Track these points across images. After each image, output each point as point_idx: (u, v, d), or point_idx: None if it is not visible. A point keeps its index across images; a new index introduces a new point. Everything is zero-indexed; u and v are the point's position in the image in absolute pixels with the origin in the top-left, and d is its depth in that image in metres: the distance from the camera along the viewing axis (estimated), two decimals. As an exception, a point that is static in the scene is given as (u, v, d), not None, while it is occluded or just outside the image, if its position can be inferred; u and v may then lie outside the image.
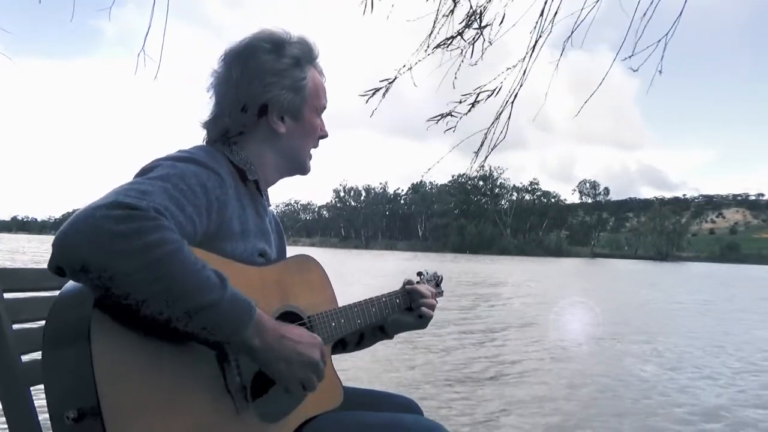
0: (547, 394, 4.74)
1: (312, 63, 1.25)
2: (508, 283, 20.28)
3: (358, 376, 4.91)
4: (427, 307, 1.53)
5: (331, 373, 1.30)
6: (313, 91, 1.24)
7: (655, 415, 4.25)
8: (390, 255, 60.88)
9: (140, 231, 0.85)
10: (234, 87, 1.18)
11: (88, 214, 0.85)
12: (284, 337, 1.01)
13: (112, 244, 0.83)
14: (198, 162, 1.07)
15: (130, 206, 0.87)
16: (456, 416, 4.00)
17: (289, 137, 1.23)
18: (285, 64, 1.19)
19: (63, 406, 0.85)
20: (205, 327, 0.91)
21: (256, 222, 1.21)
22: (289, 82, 1.19)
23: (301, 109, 1.23)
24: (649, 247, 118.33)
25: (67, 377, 0.87)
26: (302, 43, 1.23)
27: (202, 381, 0.97)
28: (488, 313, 10.69)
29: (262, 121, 1.21)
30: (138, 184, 0.94)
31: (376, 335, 1.55)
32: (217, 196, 1.07)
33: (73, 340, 0.85)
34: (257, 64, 1.18)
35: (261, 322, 0.97)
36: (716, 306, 14.44)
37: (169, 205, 0.94)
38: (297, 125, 1.24)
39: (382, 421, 1.24)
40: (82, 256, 0.83)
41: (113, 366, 0.85)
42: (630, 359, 6.43)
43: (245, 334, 0.95)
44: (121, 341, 0.88)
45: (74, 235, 0.84)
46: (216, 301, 0.90)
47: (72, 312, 0.89)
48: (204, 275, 0.90)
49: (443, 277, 1.74)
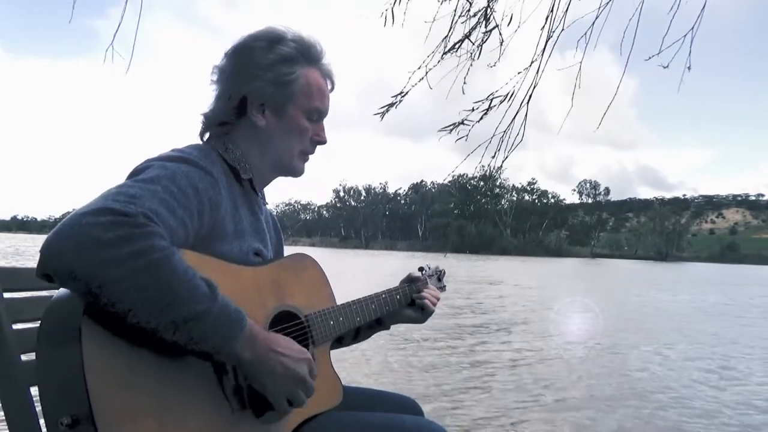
0: (549, 395, 4.74)
1: (310, 63, 1.23)
2: (509, 283, 20.27)
3: (357, 378, 4.91)
4: (430, 301, 1.53)
5: (331, 371, 1.29)
6: (303, 90, 1.21)
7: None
8: (390, 255, 60.85)
9: (128, 238, 0.84)
10: (225, 78, 1.20)
11: (75, 221, 0.83)
12: (272, 350, 0.99)
13: (100, 251, 0.82)
14: (190, 162, 1.06)
15: (118, 212, 0.85)
16: (456, 416, 4.00)
17: (270, 132, 1.22)
18: (271, 59, 1.18)
19: (57, 411, 0.84)
20: (192, 337, 0.89)
21: (251, 221, 1.21)
22: (272, 76, 1.18)
23: (284, 105, 1.20)
24: (649, 247, 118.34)
25: (59, 382, 0.86)
26: (300, 42, 1.21)
27: (197, 385, 0.95)
28: (488, 313, 10.68)
29: (247, 115, 1.20)
30: (127, 188, 0.92)
31: (373, 327, 1.54)
32: (210, 197, 1.06)
33: (65, 345, 0.85)
34: (247, 58, 1.18)
35: (252, 335, 0.95)
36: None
37: (159, 209, 0.92)
38: (278, 121, 1.21)
39: (382, 421, 1.24)
40: (69, 264, 0.82)
41: (105, 372, 0.84)
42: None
43: (234, 346, 0.93)
44: (114, 346, 0.87)
45: (61, 243, 0.82)
46: (205, 312, 0.89)
47: (64, 317, 0.88)
48: (193, 284, 0.89)
49: (445, 272, 1.74)
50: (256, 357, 0.96)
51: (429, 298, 1.53)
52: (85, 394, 0.81)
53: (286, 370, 1.00)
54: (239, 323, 0.93)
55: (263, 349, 0.97)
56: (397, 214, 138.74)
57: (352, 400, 1.34)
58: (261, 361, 0.97)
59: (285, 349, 1.01)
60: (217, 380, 0.98)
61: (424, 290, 1.55)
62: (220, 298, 0.92)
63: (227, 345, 0.92)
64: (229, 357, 0.94)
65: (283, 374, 1.00)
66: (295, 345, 1.05)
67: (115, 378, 0.86)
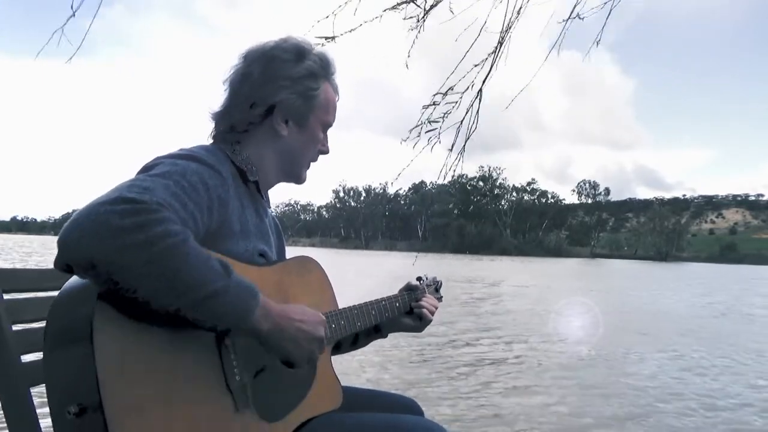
0: (548, 397, 4.74)
1: (327, 78, 1.29)
2: (510, 282, 20.27)
3: (359, 378, 4.91)
4: (428, 310, 1.55)
5: (331, 374, 1.30)
6: (323, 105, 1.28)
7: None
8: (391, 255, 60.85)
9: (144, 224, 0.86)
10: (250, 84, 1.21)
11: (92, 210, 0.86)
12: (288, 317, 1.04)
13: (118, 238, 0.84)
14: (199, 160, 1.08)
15: (134, 201, 0.88)
16: (456, 416, 4.00)
17: (289, 141, 1.26)
18: (301, 72, 1.23)
19: (65, 401, 0.86)
20: (213, 314, 0.92)
21: (256, 222, 1.22)
22: (301, 89, 1.23)
23: (307, 117, 1.26)
24: (649, 247, 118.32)
25: (69, 373, 0.88)
26: (321, 57, 1.28)
27: (203, 378, 0.97)
28: (489, 312, 10.69)
29: (267, 122, 1.23)
30: (140, 181, 0.95)
31: (371, 335, 1.56)
32: (219, 195, 1.08)
33: (76, 336, 0.86)
34: (276, 67, 1.22)
35: (266, 306, 1.00)
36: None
37: (172, 201, 0.95)
38: (299, 132, 1.26)
39: (382, 421, 1.24)
40: (89, 253, 0.84)
41: (115, 362, 0.86)
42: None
43: (252, 319, 0.97)
44: (124, 338, 0.88)
45: (80, 232, 0.84)
46: (223, 289, 0.92)
47: (74, 309, 0.89)
48: (209, 264, 0.92)
49: (442, 282, 1.76)
50: (273, 327, 1.01)
51: (427, 307, 1.56)
52: (95, 383, 0.83)
53: (306, 333, 1.07)
54: (254, 297, 0.97)
55: (279, 318, 1.02)
56: (397, 214, 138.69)
57: (352, 401, 1.34)
58: (279, 330, 1.02)
59: (299, 314, 1.07)
60: (224, 376, 1.00)
61: (422, 299, 1.57)
62: (234, 275, 0.95)
63: (246, 318, 0.96)
64: (250, 329, 0.98)
65: (304, 338, 1.06)
66: (307, 309, 1.11)
67: (126, 368, 0.87)
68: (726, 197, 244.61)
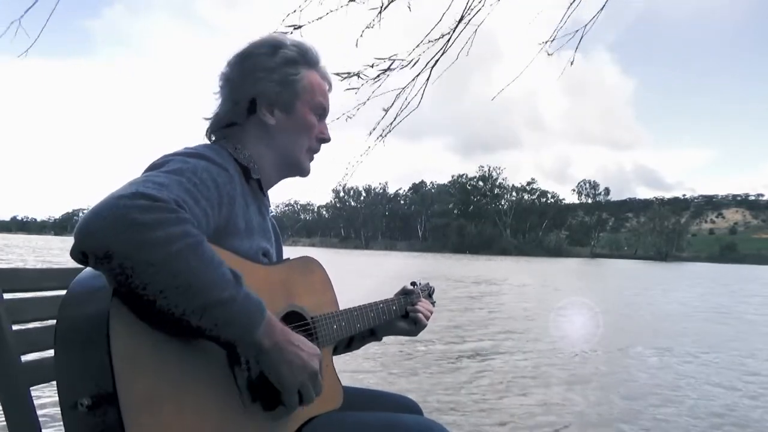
0: (548, 398, 4.74)
1: (310, 65, 1.28)
2: (511, 282, 20.28)
3: (358, 377, 4.91)
4: (423, 314, 1.57)
5: (332, 374, 1.31)
6: (308, 89, 1.26)
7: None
8: (391, 255, 60.89)
9: (163, 222, 0.87)
10: (230, 85, 1.23)
11: (112, 203, 0.86)
12: (289, 341, 1.02)
13: (137, 233, 0.84)
14: (207, 158, 1.09)
15: (153, 197, 0.88)
16: (456, 417, 4.00)
17: (280, 130, 1.25)
18: (276, 62, 1.23)
19: (77, 394, 0.86)
20: (217, 323, 0.92)
21: (259, 221, 1.23)
22: (279, 77, 1.23)
23: (292, 102, 1.25)
24: (649, 247, 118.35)
25: (82, 367, 0.88)
26: (299, 47, 1.27)
27: (212, 375, 0.98)
28: (488, 311, 10.69)
29: (255, 118, 1.24)
30: (154, 177, 0.96)
31: (366, 337, 1.57)
32: (228, 192, 1.10)
33: (91, 330, 0.86)
34: (252, 62, 1.23)
35: (271, 323, 0.99)
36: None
37: (186, 198, 0.96)
38: (287, 117, 1.26)
39: (382, 421, 1.24)
40: (106, 244, 0.84)
41: (130, 355, 0.86)
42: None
43: (255, 334, 0.96)
44: (138, 332, 0.89)
45: (99, 223, 0.84)
46: (231, 299, 0.91)
47: (89, 303, 0.90)
48: (221, 271, 0.92)
49: (435, 288, 1.78)
50: (274, 346, 0.99)
51: (422, 311, 1.57)
52: (110, 376, 0.83)
53: (302, 362, 1.03)
54: (260, 312, 0.96)
55: (281, 339, 1.00)
56: (396, 214, 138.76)
57: (353, 400, 1.35)
58: (279, 350, 0.99)
59: (300, 342, 1.04)
60: (232, 374, 1.01)
61: (418, 303, 1.58)
62: (244, 287, 0.95)
63: (249, 332, 0.95)
64: (250, 344, 0.97)
65: (299, 365, 1.02)
66: (307, 341, 1.08)
67: (140, 361, 0.88)
68: (726, 197, 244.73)
